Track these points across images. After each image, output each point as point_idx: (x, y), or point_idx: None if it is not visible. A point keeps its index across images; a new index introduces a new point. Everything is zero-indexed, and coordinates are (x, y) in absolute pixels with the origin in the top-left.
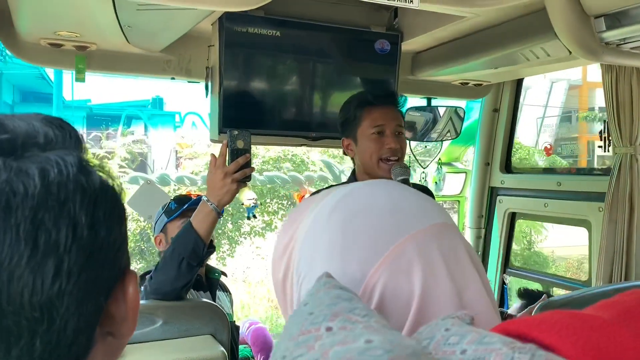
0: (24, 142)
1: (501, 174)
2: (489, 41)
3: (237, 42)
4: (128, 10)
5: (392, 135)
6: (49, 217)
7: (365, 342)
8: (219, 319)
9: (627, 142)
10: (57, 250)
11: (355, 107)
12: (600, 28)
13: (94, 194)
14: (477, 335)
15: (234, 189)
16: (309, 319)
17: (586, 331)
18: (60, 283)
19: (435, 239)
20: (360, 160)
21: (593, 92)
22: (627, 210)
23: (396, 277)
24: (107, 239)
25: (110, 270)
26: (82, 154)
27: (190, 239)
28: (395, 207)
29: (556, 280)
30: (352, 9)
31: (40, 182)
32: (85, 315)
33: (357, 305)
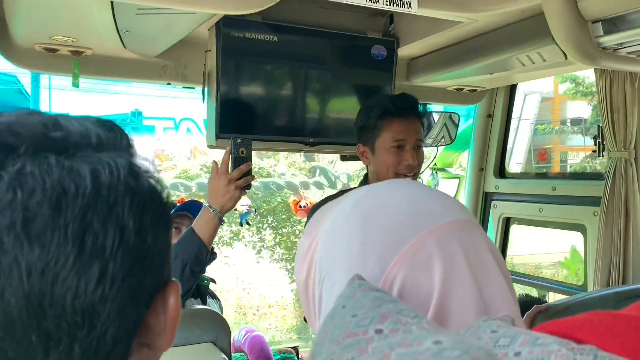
0: (76, 141)
1: (495, 179)
2: (485, 47)
3: (234, 47)
4: (127, 15)
5: (412, 150)
6: (98, 219)
7: (434, 343)
8: (220, 327)
9: (622, 146)
10: (103, 253)
11: (377, 117)
12: (597, 33)
13: (143, 199)
14: (529, 337)
15: (237, 196)
16: (353, 321)
17: (630, 332)
18: (103, 288)
19: (457, 234)
20: (376, 170)
21: (565, 105)
22: (623, 215)
23: (415, 271)
24: (153, 246)
25: (154, 278)
26: (132, 158)
27: (194, 245)
28: (415, 203)
29: (552, 285)
30: (349, 15)
31: (91, 183)
32: (125, 324)
33: (403, 307)
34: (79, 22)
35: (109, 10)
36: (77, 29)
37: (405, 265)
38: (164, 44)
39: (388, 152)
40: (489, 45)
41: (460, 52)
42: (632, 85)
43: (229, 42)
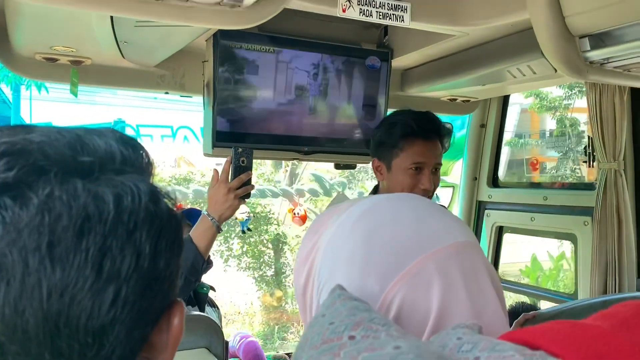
0: (101, 164)
1: (488, 188)
2: (476, 59)
3: (230, 58)
4: (126, 27)
5: (430, 173)
6: (117, 245)
7: (393, 348)
8: (214, 333)
9: (611, 157)
10: (119, 278)
11: (399, 136)
12: (584, 48)
13: (161, 224)
14: (489, 343)
15: (236, 205)
16: (330, 328)
17: (587, 340)
18: (115, 310)
19: (456, 257)
20: (389, 187)
21: (543, 116)
22: (616, 225)
23: (415, 293)
24: (165, 270)
25: (162, 301)
26: (152, 179)
27: (190, 254)
28: (419, 222)
29: (543, 293)
30: (344, 27)
31: (114, 209)
32: (131, 344)
33: (375, 315)
34: (79, 33)
35: (109, 22)
36: (77, 39)
37: (405, 287)
38: (162, 54)
39: (405, 173)
40: (481, 57)
41: (453, 63)
42: (620, 98)
43: (226, 53)
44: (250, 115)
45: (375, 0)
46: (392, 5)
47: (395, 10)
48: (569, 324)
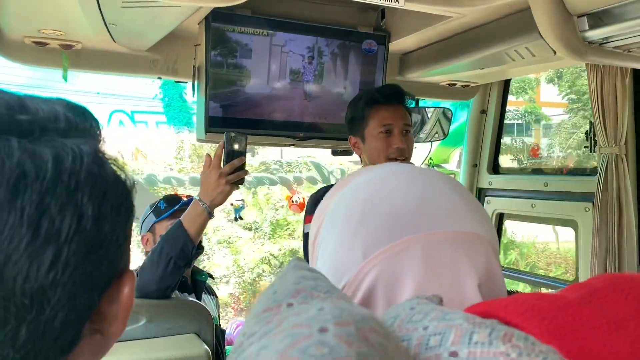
0: (43, 125)
1: (489, 175)
2: (474, 41)
3: (223, 42)
4: (112, 8)
5: (400, 134)
6: (55, 204)
7: (317, 310)
8: (203, 318)
9: (613, 142)
10: (58, 239)
11: (364, 106)
12: (583, 27)
13: (105, 187)
14: (440, 313)
15: (227, 190)
16: (272, 297)
17: (552, 311)
18: (55, 273)
19: (450, 246)
20: (368, 158)
21: None
22: (616, 210)
23: (391, 271)
24: (110, 235)
25: (109, 266)
26: (99, 145)
27: (180, 239)
28: (423, 199)
29: (544, 280)
30: (340, 9)
31: (52, 168)
32: (76, 309)
33: (320, 283)
34: (67, 15)
35: (95, 3)
36: (65, 22)
37: (384, 262)
38: (153, 37)
39: (377, 138)
40: (479, 40)
41: (450, 46)
42: (622, 81)
43: (218, 36)
44: (243, 100)
45: None
46: None
47: None
48: (535, 296)
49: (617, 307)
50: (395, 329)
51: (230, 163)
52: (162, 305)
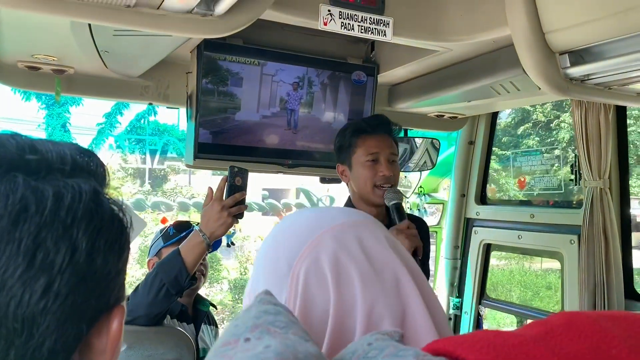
0: (50, 165)
1: (476, 205)
2: (461, 75)
3: (214, 70)
4: (104, 36)
5: (386, 162)
6: (52, 238)
7: (264, 347)
8: (184, 345)
9: (597, 175)
10: (52, 269)
11: (351, 135)
12: (565, 64)
13: (100, 223)
14: (394, 349)
15: (229, 223)
16: (232, 331)
17: (507, 348)
18: (46, 301)
19: (351, 229)
20: (355, 186)
21: None
22: (603, 243)
23: (315, 263)
24: (102, 269)
25: (98, 299)
26: (101, 185)
27: (175, 267)
28: (319, 212)
29: (530, 312)
30: (330, 41)
31: (52, 204)
32: (63, 338)
33: (280, 318)
34: (59, 41)
35: (87, 31)
36: (58, 48)
37: (307, 260)
38: (145, 64)
39: (363, 166)
40: (465, 73)
41: (438, 79)
42: (606, 116)
43: (210, 64)
44: (233, 127)
45: (357, 14)
46: (374, 20)
47: (378, 25)
48: (492, 333)
49: (571, 344)
50: None
51: (233, 196)
52: (143, 331)
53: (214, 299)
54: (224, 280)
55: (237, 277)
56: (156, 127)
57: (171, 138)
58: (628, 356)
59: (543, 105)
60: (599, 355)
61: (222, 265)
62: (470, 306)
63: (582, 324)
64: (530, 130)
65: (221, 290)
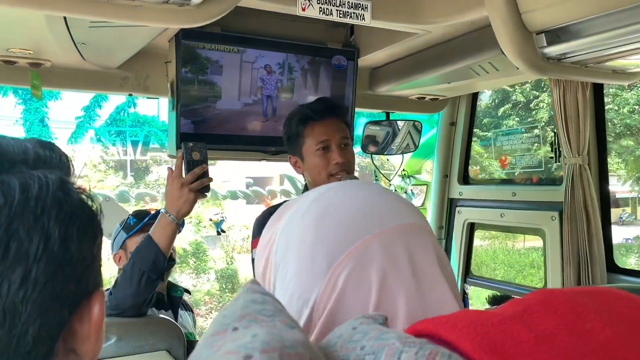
0: (12, 159)
1: (459, 185)
2: (440, 57)
3: (193, 59)
4: (81, 28)
5: (338, 148)
6: (23, 228)
7: (251, 336)
8: (174, 334)
9: (576, 152)
10: (27, 259)
11: (297, 124)
12: (541, 44)
13: (70, 211)
14: (378, 332)
15: (192, 199)
16: (220, 321)
17: (485, 327)
18: (25, 290)
19: (401, 238)
20: (310, 176)
21: None
22: (584, 218)
23: (358, 271)
24: (77, 255)
25: (77, 285)
26: (66, 175)
27: (151, 252)
28: (365, 205)
29: (514, 288)
30: (309, 26)
31: (19, 195)
32: (47, 326)
33: (267, 307)
34: (35, 34)
35: (62, 23)
36: (33, 41)
37: (349, 265)
38: (123, 55)
39: (315, 155)
40: (444, 55)
41: (418, 62)
42: (583, 94)
43: (189, 53)
44: (215, 116)
45: None
46: (352, 4)
47: (356, 9)
48: (475, 313)
49: (547, 321)
50: (337, 349)
51: (192, 172)
52: (132, 323)
53: (201, 289)
54: (211, 271)
55: (224, 267)
56: (136, 118)
57: (152, 129)
58: (602, 330)
59: (522, 86)
60: (574, 329)
61: (208, 255)
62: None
63: (557, 301)
64: (510, 110)
65: (208, 280)
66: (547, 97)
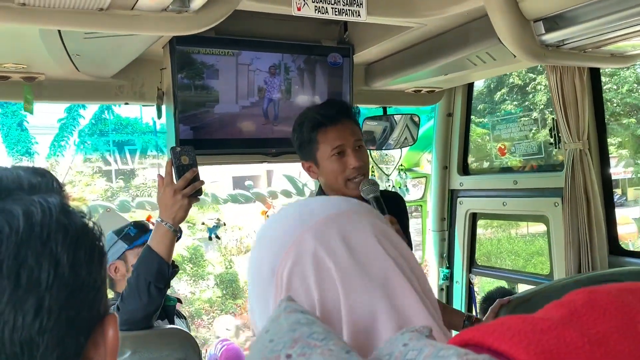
0: (8, 186)
1: (459, 176)
2: (436, 49)
3: (189, 64)
4: (75, 39)
5: (353, 153)
6: (32, 255)
7: None
8: (188, 345)
9: (576, 137)
10: (39, 287)
11: (309, 131)
12: (539, 31)
13: (76, 235)
14: (433, 349)
15: (185, 204)
16: (269, 346)
17: (537, 335)
18: (41, 320)
19: (334, 223)
20: (326, 181)
21: None
22: (584, 203)
23: (298, 264)
24: (88, 279)
25: (90, 310)
26: (63, 199)
27: (154, 262)
28: (298, 209)
29: (520, 276)
30: (303, 25)
31: (24, 222)
32: (65, 355)
33: (316, 329)
34: (29, 48)
35: (57, 36)
36: (27, 55)
37: (289, 261)
38: (118, 64)
39: (330, 161)
40: (440, 47)
41: (414, 55)
42: (580, 79)
43: (184, 59)
44: (213, 120)
45: None
46: (347, 1)
47: (351, 6)
48: (519, 319)
49: (597, 324)
50: None
51: (183, 177)
52: (146, 335)
53: (200, 297)
54: (210, 276)
55: (223, 272)
56: (118, 121)
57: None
58: None
59: None
60: (626, 332)
61: (205, 260)
62: (461, 275)
63: (603, 301)
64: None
65: (208, 287)
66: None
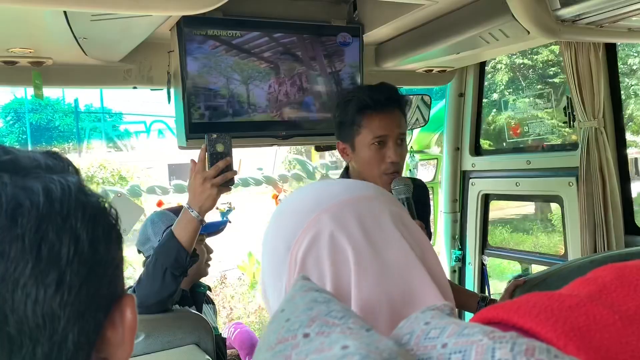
0: (26, 164)
1: (471, 157)
2: (448, 27)
3: (197, 46)
4: (82, 22)
5: (395, 145)
6: (53, 230)
7: (341, 348)
8: (202, 328)
9: (591, 116)
10: (60, 262)
11: (355, 112)
12: (555, 6)
13: (94, 212)
14: (457, 328)
15: (214, 194)
16: (285, 326)
17: (564, 312)
18: (62, 294)
19: (351, 206)
20: (359, 168)
21: None
22: (600, 183)
23: (313, 245)
24: (106, 256)
25: (109, 287)
26: (80, 179)
27: (173, 249)
28: (319, 188)
29: (534, 257)
30: (312, 4)
31: (44, 198)
32: (85, 330)
33: (333, 307)
34: (35, 32)
35: (63, 19)
36: (34, 39)
37: (305, 240)
38: (125, 47)
39: (369, 149)
40: (452, 25)
41: (425, 34)
42: (596, 56)
43: (192, 40)
44: (223, 103)
45: None
46: None
47: None
48: (545, 296)
49: (628, 300)
50: (412, 347)
51: (215, 166)
52: (160, 318)
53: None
54: None
55: None
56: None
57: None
58: None
59: None
60: None
61: None
62: (473, 256)
63: (633, 277)
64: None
65: None
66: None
